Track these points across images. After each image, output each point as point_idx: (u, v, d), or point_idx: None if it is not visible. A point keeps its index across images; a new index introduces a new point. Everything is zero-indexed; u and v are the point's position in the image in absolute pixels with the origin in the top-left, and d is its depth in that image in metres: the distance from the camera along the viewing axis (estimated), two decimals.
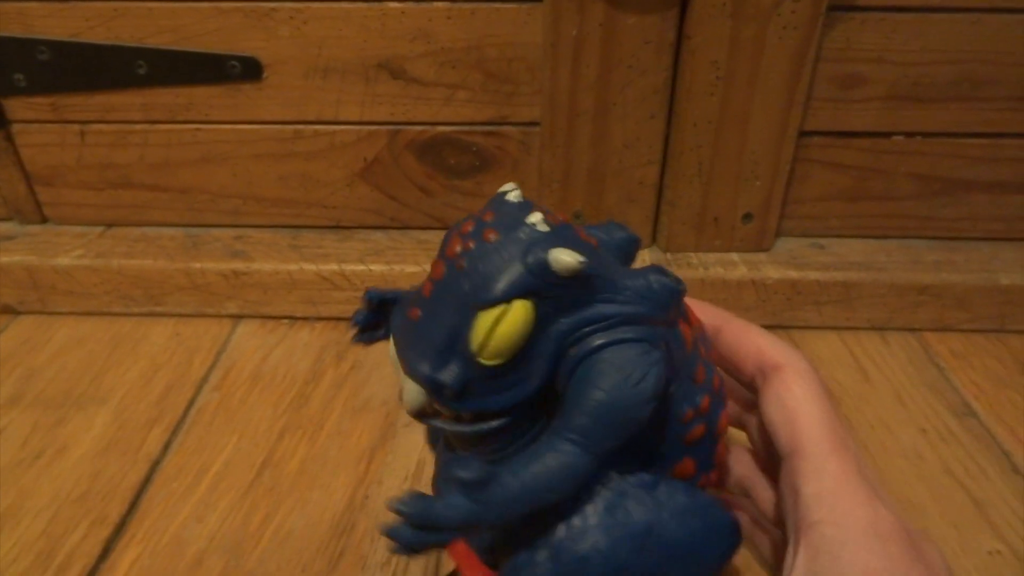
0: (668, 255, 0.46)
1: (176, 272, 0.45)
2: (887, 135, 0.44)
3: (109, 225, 0.49)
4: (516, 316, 0.19)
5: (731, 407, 0.28)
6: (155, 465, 0.36)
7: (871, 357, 0.43)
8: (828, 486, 0.21)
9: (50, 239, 0.47)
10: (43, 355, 0.44)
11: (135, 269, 0.45)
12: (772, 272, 0.44)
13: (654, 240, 0.46)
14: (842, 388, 0.41)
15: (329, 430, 0.38)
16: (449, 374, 0.19)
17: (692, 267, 0.44)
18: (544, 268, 0.19)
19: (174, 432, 0.38)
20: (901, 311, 0.45)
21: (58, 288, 0.46)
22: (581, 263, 0.19)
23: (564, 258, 0.19)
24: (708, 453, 0.24)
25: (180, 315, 0.47)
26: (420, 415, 0.21)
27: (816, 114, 0.43)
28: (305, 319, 0.46)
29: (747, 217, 0.45)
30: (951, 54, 0.41)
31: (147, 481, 0.35)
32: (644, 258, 0.45)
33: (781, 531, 0.24)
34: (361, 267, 0.45)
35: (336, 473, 0.36)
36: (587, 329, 0.20)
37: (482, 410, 0.20)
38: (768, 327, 0.45)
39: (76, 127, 0.45)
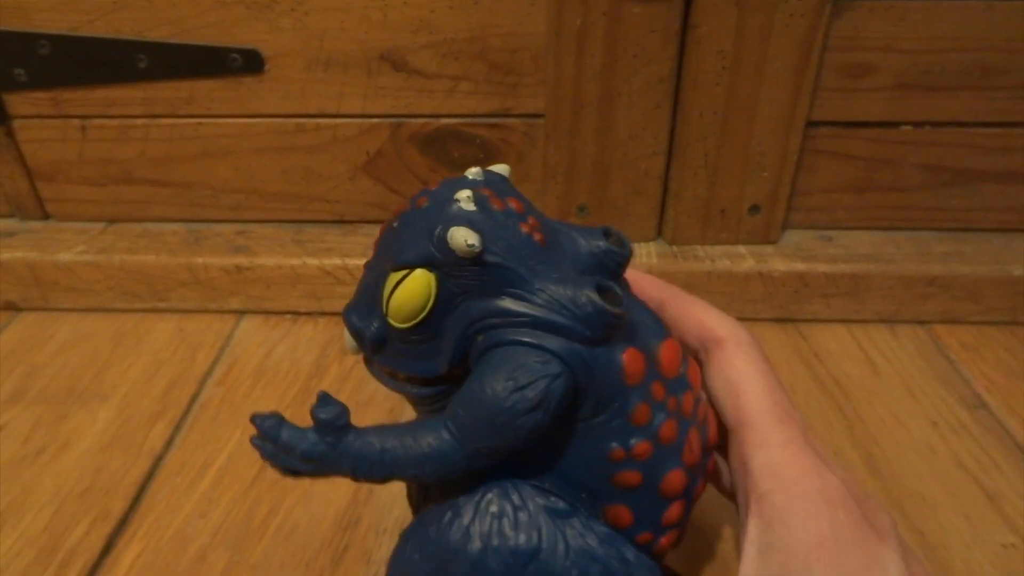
0: (674, 248, 0.45)
1: (179, 267, 0.45)
2: (895, 125, 0.43)
3: (111, 221, 0.48)
4: (414, 283, 0.20)
5: None
6: (158, 460, 0.36)
7: (880, 350, 0.43)
8: (775, 456, 0.21)
9: (52, 235, 0.47)
10: (45, 352, 0.43)
11: (137, 265, 0.45)
12: (779, 264, 0.44)
13: (659, 233, 0.46)
14: (851, 381, 0.40)
15: None
16: (368, 327, 0.21)
17: (698, 259, 0.44)
18: (443, 244, 0.19)
19: (177, 427, 0.38)
20: (910, 303, 0.44)
21: (60, 284, 0.46)
22: (471, 246, 0.19)
23: (458, 237, 0.19)
24: (653, 510, 0.21)
25: (183, 311, 0.46)
26: (365, 360, 0.23)
27: (823, 104, 0.42)
28: (309, 314, 0.46)
29: (754, 209, 0.44)
30: (961, 42, 0.40)
31: (150, 476, 0.35)
32: (650, 251, 0.45)
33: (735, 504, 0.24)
34: (363, 261, 0.44)
35: None
36: (495, 320, 0.20)
37: (401, 371, 0.22)
38: (775, 320, 0.45)
39: (77, 122, 0.45)
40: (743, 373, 0.23)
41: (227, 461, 0.36)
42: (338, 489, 0.34)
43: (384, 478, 0.21)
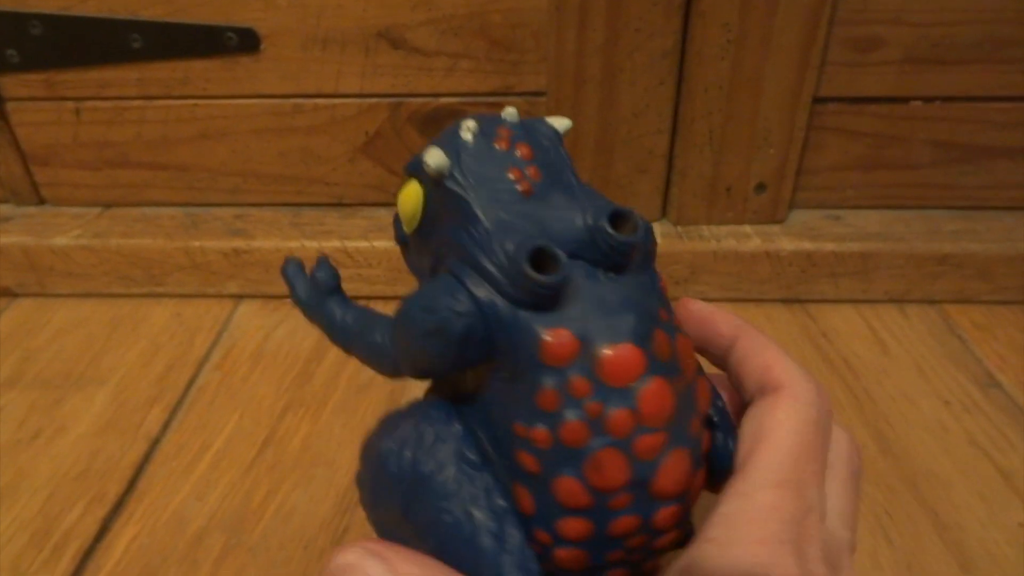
0: (679, 228, 0.44)
1: (176, 251, 0.44)
2: (905, 100, 0.42)
3: (107, 206, 0.48)
4: (406, 191, 0.21)
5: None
6: (155, 444, 0.35)
7: (890, 330, 0.42)
8: (746, 514, 0.18)
9: (47, 220, 0.46)
10: (41, 337, 0.43)
11: (134, 249, 0.44)
12: (786, 244, 0.43)
13: (664, 213, 0.45)
14: (861, 361, 0.40)
15: (333, 407, 0.37)
16: (399, 224, 0.23)
17: (704, 240, 0.43)
18: (419, 159, 0.20)
19: (174, 411, 0.37)
20: (920, 282, 0.43)
21: (56, 269, 0.45)
22: (434, 168, 0.20)
23: (427, 157, 0.20)
24: (548, 511, 0.19)
25: (181, 295, 0.46)
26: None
27: (831, 79, 0.41)
28: None
29: (760, 187, 0.43)
30: (973, 14, 0.39)
31: (146, 460, 0.34)
32: (656, 232, 0.44)
33: None
34: (364, 244, 0.44)
35: (340, 450, 0.35)
36: (447, 248, 0.20)
37: (413, 272, 0.24)
38: (783, 301, 0.44)
39: (71, 104, 0.44)
40: (778, 424, 0.19)
41: (225, 444, 0.35)
42: (338, 471, 0.34)
43: (344, 349, 0.23)
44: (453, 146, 0.20)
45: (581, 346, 0.18)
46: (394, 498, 0.20)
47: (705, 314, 0.24)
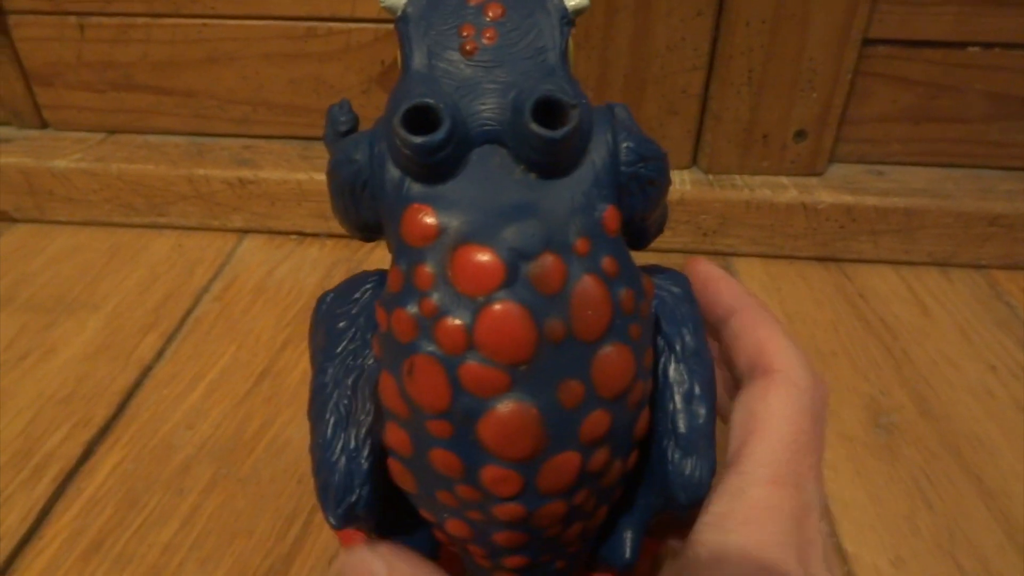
0: (710, 176, 0.42)
1: (179, 179, 0.42)
2: (962, 46, 0.39)
3: (111, 131, 0.46)
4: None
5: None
6: (147, 371, 0.34)
7: (932, 293, 0.39)
8: (740, 513, 0.16)
9: (48, 143, 0.45)
10: (37, 262, 0.41)
11: (136, 174, 0.42)
12: (825, 196, 0.40)
13: (694, 160, 0.42)
14: (900, 322, 0.37)
15: None
16: None
17: (736, 188, 0.40)
18: None
19: (169, 339, 0.35)
20: (967, 244, 0.40)
21: (56, 194, 0.43)
22: (386, 6, 0.19)
23: None
24: (382, 409, 0.17)
25: (183, 227, 0.44)
26: None
27: (884, 19, 0.38)
28: (315, 235, 0.43)
29: (800, 135, 0.41)
30: None
31: (137, 386, 0.33)
32: (683, 179, 0.41)
33: None
34: None
35: None
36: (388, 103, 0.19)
37: None
38: (818, 259, 0.42)
39: (75, 19, 0.42)
40: (771, 414, 0.18)
41: (219, 375, 0.33)
42: None
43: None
44: None
45: (440, 232, 0.16)
46: (311, 337, 0.20)
47: (710, 276, 0.22)
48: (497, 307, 0.15)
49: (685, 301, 0.20)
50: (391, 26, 0.43)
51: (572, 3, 0.18)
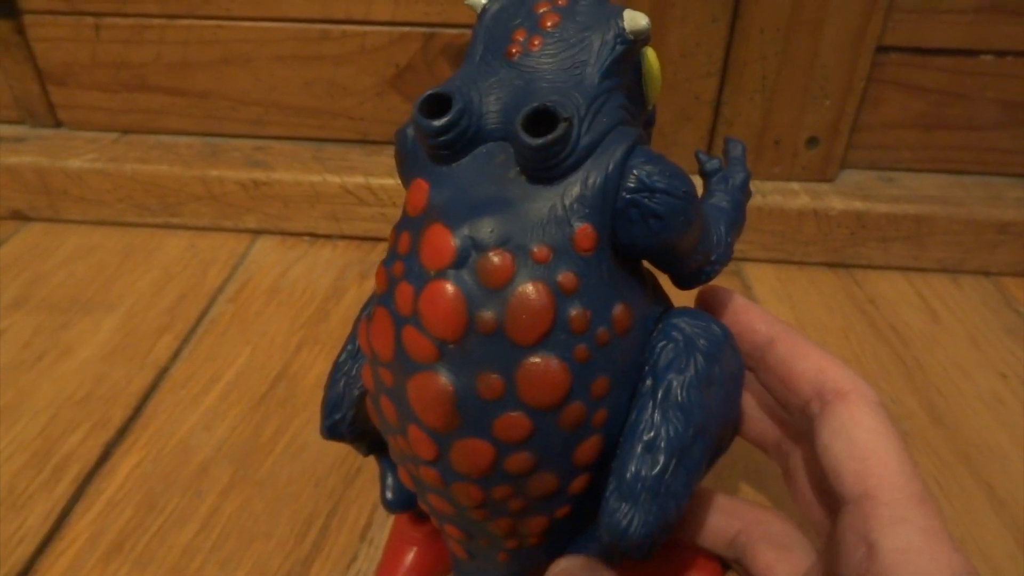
0: None
1: (192, 179, 0.42)
2: (975, 54, 0.39)
3: (124, 131, 0.46)
4: None
5: (756, 428, 0.24)
6: (163, 372, 0.34)
7: (942, 299, 0.39)
8: (915, 543, 0.17)
9: (62, 143, 0.45)
10: (51, 261, 0.41)
11: (150, 175, 0.42)
12: (836, 203, 0.40)
13: None
14: (910, 329, 0.37)
15: None
16: None
17: None
18: None
19: (185, 340, 0.36)
20: (977, 251, 0.41)
21: (69, 193, 0.44)
22: (470, 4, 0.20)
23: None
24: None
25: (196, 228, 0.44)
26: None
27: (897, 27, 0.38)
28: (328, 237, 0.44)
29: (812, 141, 0.41)
30: None
31: (153, 387, 0.33)
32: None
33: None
34: (389, 181, 0.42)
35: None
36: None
37: None
38: (828, 265, 0.42)
39: (91, 20, 0.42)
40: (873, 435, 0.19)
41: (236, 376, 0.34)
42: None
43: None
44: None
45: (427, 207, 0.18)
46: None
47: (739, 306, 0.22)
48: (438, 284, 0.17)
49: (699, 353, 0.19)
50: (405, 29, 0.43)
51: (630, 24, 0.18)
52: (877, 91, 0.40)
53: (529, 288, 0.17)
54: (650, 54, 0.20)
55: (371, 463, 0.30)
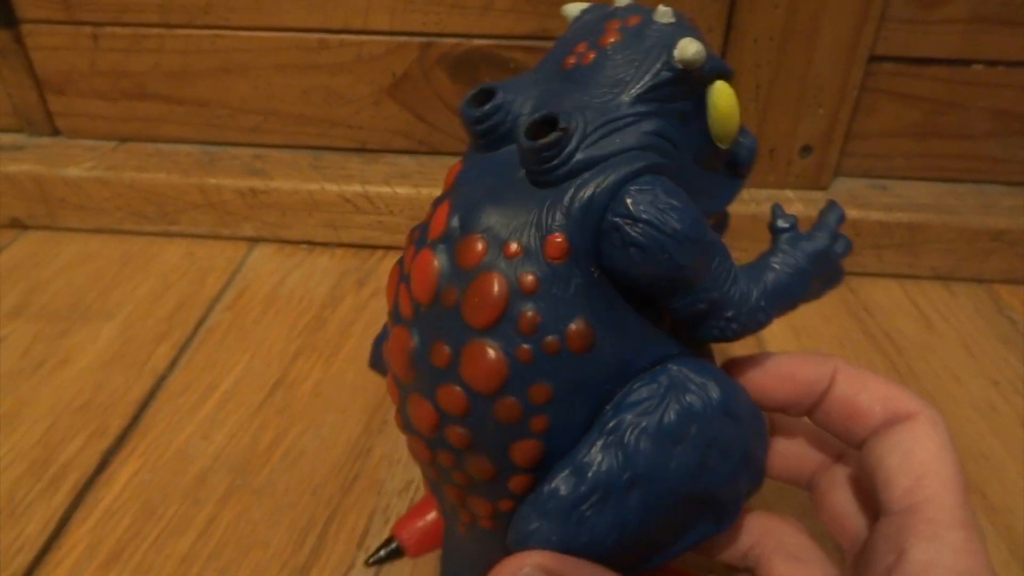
0: None
1: (191, 188, 0.42)
2: (967, 64, 0.40)
3: (123, 140, 0.46)
4: None
5: (791, 468, 0.23)
6: (161, 380, 0.34)
7: (935, 307, 0.40)
8: (947, 558, 0.17)
9: (61, 151, 0.45)
10: (50, 269, 0.41)
11: (148, 183, 0.43)
12: None
13: None
14: (904, 337, 0.37)
15: (347, 354, 0.36)
16: None
17: (743, 203, 0.41)
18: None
19: (183, 349, 0.36)
20: (970, 259, 0.41)
21: (68, 202, 0.44)
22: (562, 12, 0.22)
23: (569, 6, 0.22)
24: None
25: (194, 236, 0.44)
26: None
27: (890, 36, 0.39)
28: (325, 245, 0.44)
29: (806, 150, 0.41)
30: None
31: (151, 396, 0.33)
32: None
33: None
34: (387, 189, 0.42)
35: (353, 397, 0.33)
36: None
37: None
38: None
39: (89, 29, 0.42)
40: (933, 455, 0.19)
41: (233, 385, 0.34)
42: (350, 418, 0.32)
43: None
44: (577, 10, 0.21)
45: (452, 186, 0.20)
46: None
47: (772, 362, 0.21)
48: (426, 252, 0.19)
49: (677, 405, 0.18)
50: (402, 39, 0.44)
51: (679, 52, 0.18)
52: (870, 100, 0.41)
53: (489, 277, 0.18)
54: (719, 89, 0.19)
55: (369, 471, 0.30)
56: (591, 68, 0.19)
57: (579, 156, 0.18)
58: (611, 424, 0.18)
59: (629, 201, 0.17)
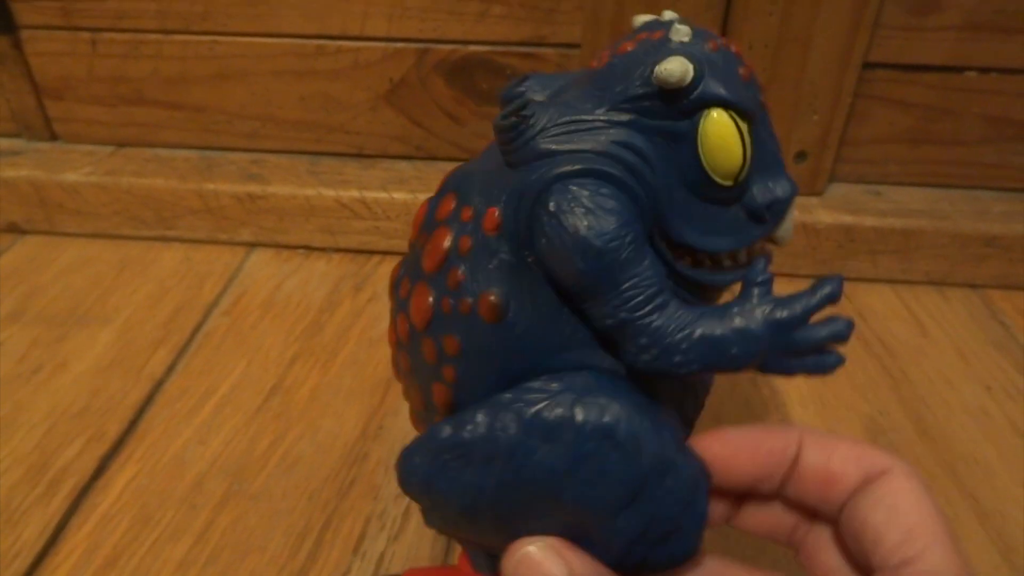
0: None
1: (188, 193, 0.43)
2: (960, 70, 0.40)
3: (120, 145, 0.46)
4: None
5: (770, 518, 0.22)
6: (158, 385, 0.34)
7: (929, 312, 0.40)
8: None
9: (59, 156, 0.45)
10: (47, 274, 0.42)
11: (145, 188, 0.43)
12: (824, 216, 0.41)
13: None
14: (898, 341, 0.38)
15: (344, 359, 0.36)
16: None
17: None
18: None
19: (180, 354, 0.36)
20: (963, 264, 0.41)
21: (66, 207, 0.44)
22: None
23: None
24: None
25: (192, 240, 0.44)
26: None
27: (883, 43, 0.39)
28: (322, 250, 0.44)
29: (800, 156, 0.41)
30: None
31: (149, 401, 0.33)
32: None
33: None
34: (383, 195, 0.42)
35: (349, 402, 0.33)
36: None
37: None
38: (817, 277, 0.42)
39: (87, 35, 0.42)
40: (917, 506, 0.19)
41: (230, 390, 0.34)
42: (346, 423, 0.32)
43: None
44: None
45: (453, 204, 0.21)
46: None
47: (752, 436, 0.21)
48: (425, 203, 0.21)
49: (557, 413, 0.18)
50: (399, 45, 0.44)
51: (658, 70, 0.18)
52: (864, 106, 0.41)
53: (443, 231, 0.20)
54: (714, 119, 0.18)
55: (365, 476, 0.30)
56: (600, 72, 0.19)
57: (537, 145, 0.18)
58: (502, 397, 0.19)
59: (552, 195, 0.18)
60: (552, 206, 0.18)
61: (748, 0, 0.37)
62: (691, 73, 0.18)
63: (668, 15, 0.20)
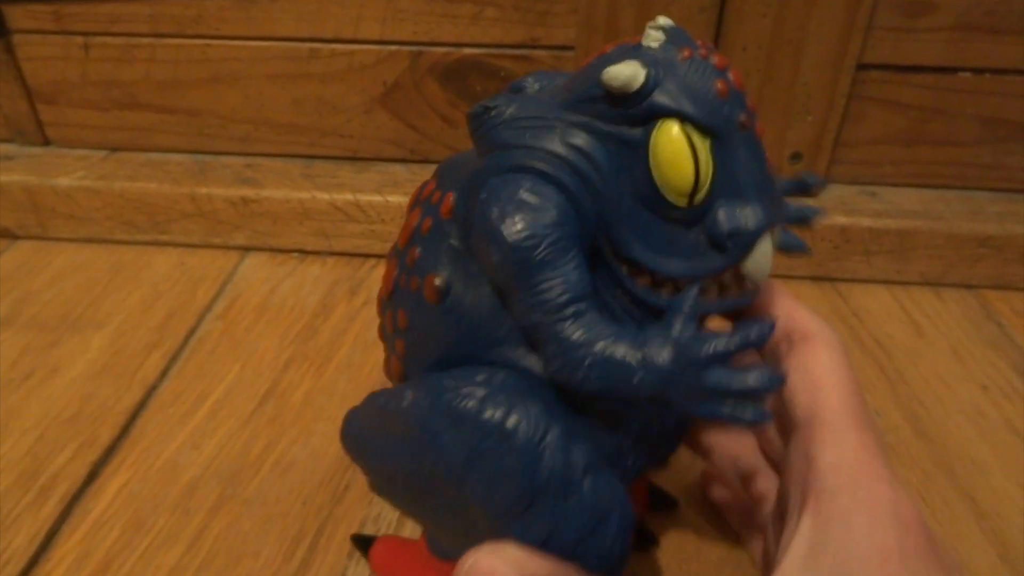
0: None
1: (182, 197, 0.42)
2: (953, 71, 0.40)
3: (113, 149, 0.46)
4: None
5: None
6: (151, 390, 0.34)
7: (924, 312, 0.40)
8: (848, 457, 0.19)
9: (51, 161, 0.45)
10: (40, 279, 0.41)
11: (139, 193, 0.43)
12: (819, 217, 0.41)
13: None
14: (894, 342, 0.38)
15: (338, 363, 0.36)
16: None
17: None
18: None
19: (173, 358, 0.36)
20: (958, 265, 0.41)
21: (58, 211, 0.44)
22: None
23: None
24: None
25: (185, 245, 0.44)
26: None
27: (877, 45, 0.39)
28: (316, 253, 0.44)
29: (795, 157, 0.41)
30: None
31: (142, 406, 0.33)
32: None
33: (776, 526, 0.21)
34: (378, 198, 0.42)
35: (344, 406, 0.33)
36: None
37: None
38: (813, 279, 0.42)
39: (80, 39, 0.42)
40: (828, 370, 0.20)
41: (224, 394, 0.34)
42: (340, 428, 0.32)
43: None
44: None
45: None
46: None
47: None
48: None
49: (468, 403, 0.18)
50: (393, 48, 0.44)
51: (606, 73, 0.17)
52: (859, 107, 0.41)
53: (417, 210, 0.21)
54: (664, 130, 0.17)
55: (359, 480, 0.30)
56: (577, 71, 0.19)
57: (497, 135, 0.19)
58: (432, 377, 0.19)
59: (487, 186, 0.18)
60: (483, 195, 0.18)
61: (742, 3, 0.37)
62: (640, 79, 0.17)
63: (662, 20, 0.19)
